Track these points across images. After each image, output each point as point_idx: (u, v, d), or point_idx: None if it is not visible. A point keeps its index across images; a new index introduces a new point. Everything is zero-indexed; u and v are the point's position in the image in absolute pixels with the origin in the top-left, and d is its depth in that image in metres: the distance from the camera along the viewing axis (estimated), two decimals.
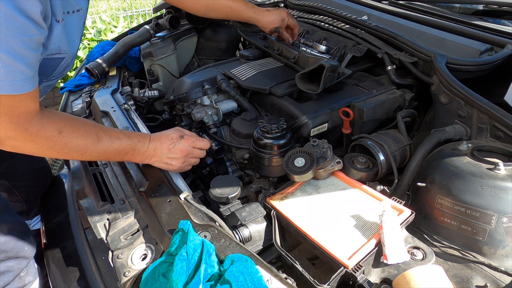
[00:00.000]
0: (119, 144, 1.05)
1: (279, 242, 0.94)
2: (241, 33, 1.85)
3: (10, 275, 1.15)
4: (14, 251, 1.14)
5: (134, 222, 1.00)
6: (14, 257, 1.15)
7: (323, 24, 1.67)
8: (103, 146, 1.03)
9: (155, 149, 1.10)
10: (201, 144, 1.17)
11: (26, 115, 0.88)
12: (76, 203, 1.36)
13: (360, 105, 1.25)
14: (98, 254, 1.12)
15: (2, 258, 1.12)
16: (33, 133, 0.91)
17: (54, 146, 0.95)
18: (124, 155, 1.08)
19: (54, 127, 0.95)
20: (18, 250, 1.15)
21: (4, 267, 1.13)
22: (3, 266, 1.13)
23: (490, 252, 0.86)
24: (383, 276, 0.82)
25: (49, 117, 0.95)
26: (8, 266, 1.14)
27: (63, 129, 0.97)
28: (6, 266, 1.13)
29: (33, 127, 0.90)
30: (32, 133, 0.90)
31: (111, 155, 1.07)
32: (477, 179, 0.88)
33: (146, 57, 1.83)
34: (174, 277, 0.72)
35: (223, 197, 1.01)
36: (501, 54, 1.23)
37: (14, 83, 0.80)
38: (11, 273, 1.15)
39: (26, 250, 1.17)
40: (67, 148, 0.98)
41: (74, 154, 1.01)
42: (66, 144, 0.97)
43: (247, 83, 1.43)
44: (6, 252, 1.12)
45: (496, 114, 1.02)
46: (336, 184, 1.09)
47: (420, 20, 1.53)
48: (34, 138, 0.91)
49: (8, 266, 1.14)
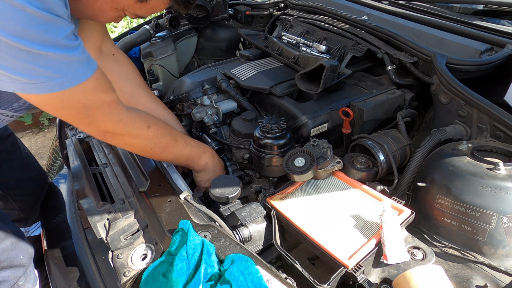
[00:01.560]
0: (190, 150, 1.14)
1: (279, 242, 0.94)
2: (241, 33, 1.85)
3: (7, 284, 1.13)
4: (8, 261, 1.11)
5: (134, 222, 1.00)
6: (9, 267, 1.13)
7: (323, 24, 1.66)
8: (178, 148, 1.09)
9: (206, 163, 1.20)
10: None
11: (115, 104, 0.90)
12: (76, 203, 1.36)
13: (360, 105, 1.25)
14: (98, 254, 1.11)
15: None
16: (127, 123, 0.94)
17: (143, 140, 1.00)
18: (191, 162, 1.16)
19: (143, 121, 0.99)
20: (13, 259, 1.13)
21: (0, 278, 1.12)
22: None
23: (490, 252, 0.86)
24: (383, 276, 0.82)
25: (137, 111, 1.00)
26: (4, 276, 1.12)
27: (151, 124, 1.01)
28: (1, 276, 1.12)
29: (126, 118, 0.94)
30: (126, 123, 0.94)
31: (181, 159, 1.13)
32: (477, 179, 0.88)
33: (146, 57, 1.83)
34: (174, 277, 0.72)
35: (223, 197, 1.01)
36: (501, 54, 1.23)
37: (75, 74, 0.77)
38: (7, 283, 1.13)
39: (21, 259, 1.15)
40: (152, 143, 1.02)
41: (156, 151, 1.05)
42: (152, 139, 1.01)
43: (247, 83, 1.43)
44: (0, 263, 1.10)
45: (496, 114, 1.02)
46: (336, 184, 1.09)
47: (420, 20, 1.53)
48: (130, 130, 0.95)
49: (3, 276, 1.12)
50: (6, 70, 0.69)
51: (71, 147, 1.41)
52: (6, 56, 0.67)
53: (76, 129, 1.51)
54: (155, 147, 1.04)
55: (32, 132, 3.75)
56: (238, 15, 2.04)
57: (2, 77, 0.70)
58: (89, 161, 1.31)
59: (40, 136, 3.71)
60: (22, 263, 1.16)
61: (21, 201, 1.51)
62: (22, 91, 0.74)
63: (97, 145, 1.39)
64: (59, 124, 1.62)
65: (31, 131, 3.75)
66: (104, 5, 0.88)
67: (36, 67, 0.70)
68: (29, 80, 0.71)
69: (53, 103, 0.80)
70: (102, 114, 0.88)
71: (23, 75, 0.70)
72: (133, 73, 1.36)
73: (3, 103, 1.01)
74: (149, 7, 0.91)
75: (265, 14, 2.04)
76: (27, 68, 0.70)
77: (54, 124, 3.67)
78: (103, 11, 0.89)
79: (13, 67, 0.69)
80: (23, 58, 0.68)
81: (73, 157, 1.34)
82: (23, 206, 1.53)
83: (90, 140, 1.43)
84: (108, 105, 0.88)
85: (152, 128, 1.01)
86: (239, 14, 2.04)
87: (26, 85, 0.72)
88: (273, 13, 2.02)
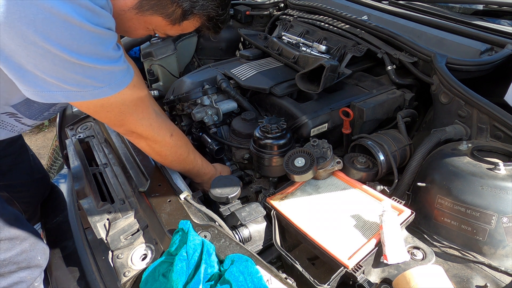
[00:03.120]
0: (201, 165, 1.20)
1: (279, 242, 0.94)
2: (241, 33, 1.85)
3: (24, 285, 1.14)
4: (26, 262, 1.13)
5: (134, 222, 1.00)
6: (26, 267, 1.14)
7: (323, 24, 1.66)
8: (191, 159, 1.14)
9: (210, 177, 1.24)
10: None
11: (148, 109, 0.95)
12: (76, 203, 1.36)
13: (360, 105, 1.25)
14: (98, 254, 1.11)
15: (14, 270, 1.11)
16: (155, 128, 0.98)
17: (163, 146, 1.04)
18: (201, 176, 1.22)
19: (168, 128, 1.04)
20: (30, 260, 1.14)
21: (17, 278, 1.13)
22: (16, 277, 1.12)
23: (490, 252, 0.86)
24: (383, 276, 0.82)
25: (163, 117, 1.03)
26: (21, 276, 1.13)
27: (174, 133, 1.05)
28: (19, 276, 1.13)
29: (155, 123, 0.98)
30: (154, 128, 0.98)
31: (194, 171, 1.19)
32: (477, 179, 0.88)
33: (146, 57, 1.83)
34: (174, 277, 0.72)
35: (223, 197, 1.01)
36: (501, 54, 1.23)
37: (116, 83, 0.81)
38: (24, 284, 1.14)
39: (39, 259, 1.17)
40: (169, 151, 1.06)
41: (169, 158, 1.09)
42: (171, 147, 1.06)
43: (247, 83, 1.43)
44: (18, 264, 1.11)
45: (496, 114, 1.02)
46: (336, 184, 1.09)
47: (420, 20, 1.53)
48: (155, 135, 0.99)
49: (21, 276, 1.13)
50: (57, 80, 0.73)
51: (71, 147, 1.41)
52: (59, 68, 0.71)
53: (76, 129, 1.51)
54: (171, 155, 1.08)
55: (32, 132, 3.75)
56: (238, 15, 2.04)
57: (50, 86, 0.74)
58: (89, 161, 1.31)
59: (40, 136, 3.71)
60: (39, 263, 1.17)
61: (25, 203, 1.52)
62: (67, 99, 0.78)
63: (97, 145, 1.39)
64: (59, 124, 1.62)
65: (31, 131, 3.75)
66: (137, 24, 0.90)
67: (85, 78, 0.75)
68: (76, 89, 0.76)
69: (93, 108, 0.85)
70: (135, 119, 0.93)
71: (71, 84, 0.75)
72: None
73: (34, 112, 1.03)
74: (180, 28, 0.94)
75: (265, 14, 2.04)
76: (76, 78, 0.74)
77: (54, 124, 3.67)
78: (135, 29, 0.92)
79: (64, 77, 0.73)
80: (75, 70, 0.73)
81: (73, 157, 1.34)
82: (26, 208, 1.54)
83: (90, 140, 1.43)
84: (141, 110, 0.93)
85: (174, 137, 1.05)
86: (239, 14, 2.04)
87: (73, 93, 0.77)
88: (273, 13, 2.02)
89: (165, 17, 0.88)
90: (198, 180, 1.25)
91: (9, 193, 1.45)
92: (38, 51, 0.68)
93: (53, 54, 0.69)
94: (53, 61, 0.70)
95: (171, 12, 0.87)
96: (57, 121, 1.64)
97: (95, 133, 1.46)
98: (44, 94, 0.75)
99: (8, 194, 1.45)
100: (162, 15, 0.88)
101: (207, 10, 0.91)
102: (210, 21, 0.95)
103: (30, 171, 1.50)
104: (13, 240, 1.10)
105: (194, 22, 0.94)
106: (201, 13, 0.91)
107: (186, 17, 0.90)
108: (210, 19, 0.94)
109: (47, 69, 0.71)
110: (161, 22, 0.90)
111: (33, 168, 1.52)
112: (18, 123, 1.06)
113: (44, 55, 0.69)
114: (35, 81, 0.73)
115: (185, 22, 0.92)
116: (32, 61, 0.70)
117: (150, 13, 0.86)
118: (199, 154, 1.21)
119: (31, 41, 0.67)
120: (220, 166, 1.32)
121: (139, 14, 0.86)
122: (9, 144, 1.37)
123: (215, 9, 0.92)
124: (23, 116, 1.03)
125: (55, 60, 0.70)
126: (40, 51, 0.68)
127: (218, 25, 0.98)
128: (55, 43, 0.68)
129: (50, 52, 0.68)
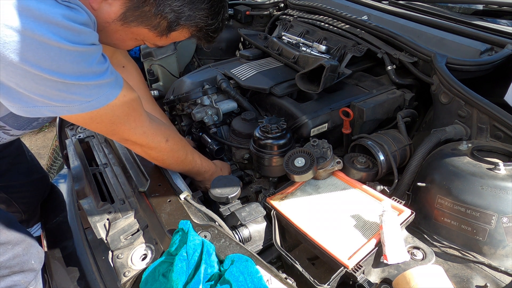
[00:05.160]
0: (201, 164, 1.19)
1: (279, 242, 0.94)
2: (241, 33, 1.85)
3: None
4: (19, 266, 1.12)
5: (134, 222, 1.00)
6: (20, 271, 1.14)
7: (323, 24, 1.66)
8: (189, 160, 1.14)
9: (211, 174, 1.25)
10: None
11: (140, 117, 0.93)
12: (76, 203, 1.36)
13: (360, 105, 1.25)
14: (98, 254, 1.12)
15: (7, 274, 1.11)
16: (150, 135, 0.97)
17: (159, 151, 1.03)
18: (201, 175, 1.22)
19: (163, 134, 1.02)
20: (23, 264, 1.14)
21: (11, 282, 1.12)
22: (9, 281, 1.12)
23: (490, 252, 0.86)
24: (383, 276, 0.82)
25: (157, 123, 1.02)
26: (15, 280, 1.13)
27: (169, 138, 1.04)
28: (12, 280, 1.12)
29: (149, 130, 0.97)
30: (148, 135, 0.97)
31: (194, 170, 1.18)
32: (477, 179, 0.88)
33: (146, 57, 1.83)
34: (174, 277, 0.72)
35: (223, 197, 1.01)
36: (501, 54, 1.23)
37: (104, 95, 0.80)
38: (18, 287, 1.14)
39: (32, 263, 1.16)
40: (166, 155, 1.06)
41: (167, 161, 1.09)
42: (168, 152, 1.05)
43: (247, 83, 1.43)
44: (10, 268, 1.10)
45: (496, 114, 1.02)
46: (336, 184, 1.09)
47: (420, 20, 1.53)
48: (150, 142, 0.98)
49: (14, 280, 1.13)
50: (41, 97, 0.72)
51: (71, 147, 1.41)
52: (42, 87, 0.70)
53: (76, 129, 1.51)
54: (168, 159, 1.08)
55: (32, 132, 3.75)
56: (238, 15, 2.04)
57: (36, 102, 0.73)
58: (89, 161, 1.31)
59: (40, 136, 3.71)
60: (33, 267, 1.17)
61: (24, 203, 1.52)
62: (54, 113, 0.77)
63: (97, 145, 1.39)
64: (59, 124, 1.62)
65: (31, 131, 3.75)
66: (124, 36, 0.89)
67: (70, 94, 0.74)
68: (62, 104, 0.75)
69: (82, 120, 0.84)
70: (127, 128, 0.91)
71: (57, 101, 0.74)
72: (140, 84, 1.38)
73: (22, 124, 1.03)
74: (169, 39, 0.93)
75: (265, 14, 2.04)
76: (60, 95, 0.73)
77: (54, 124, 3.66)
78: (123, 41, 0.91)
79: (48, 95, 0.72)
80: (58, 88, 0.72)
81: (73, 157, 1.35)
82: (26, 208, 1.54)
83: (90, 140, 1.43)
84: (133, 119, 0.92)
85: (170, 142, 1.04)
86: (239, 14, 2.04)
87: (59, 108, 0.76)
88: (273, 13, 2.02)
89: (151, 28, 0.86)
90: (199, 179, 1.25)
91: (7, 194, 1.45)
92: (18, 71, 0.67)
93: (33, 74, 0.68)
94: (34, 80, 0.69)
95: (156, 24, 0.85)
96: (57, 121, 1.64)
97: (95, 133, 1.46)
98: (30, 109, 0.74)
99: (6, 195, 1.45)
100: (147, 26, 0.86)
101: (194, 21, 0.88)
102: (200, 31, 0.92)
103: (28, 171, 1.50)
104: (5, 245, 1.09)
105: (183, 33, 0.92)
106: (188, 24, 0.88)
107: (173, 29, 0.88)
108: (200, 30, 0.92)
109: (29, 87, 0.70)
110: (148, 33, 0.88)
111: (32, 169, 1.52)
112: (6, 135, 1.06)
113: (25, 75, 0.68)
114: (19, 97, 0.72)
115: (173, 33, 0.90)
116: (13, 80, 0.69)
117: (135, 25, 0.85)
118: (198, 153, 1.21)
119: (8, 62, 0.65)
120: (220, 163, 1.31)
121: (124, 25, 0.84)
122: (6, 146, 1.37)
123: (204, 19, 0.89)
124: (12, 128, 1.02)
125: (35, 79, 0.69)
126: (20, 72, 0.67)
127: (209, 34, 0.95)
128: (34, 64, 0.67)
129: (30, 73, 0.67)
